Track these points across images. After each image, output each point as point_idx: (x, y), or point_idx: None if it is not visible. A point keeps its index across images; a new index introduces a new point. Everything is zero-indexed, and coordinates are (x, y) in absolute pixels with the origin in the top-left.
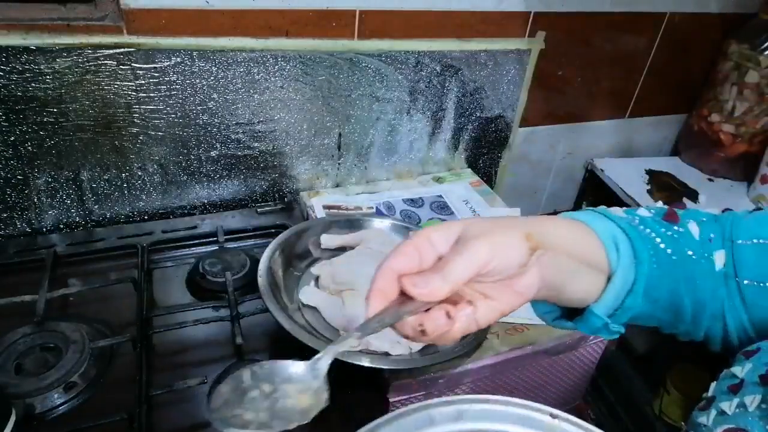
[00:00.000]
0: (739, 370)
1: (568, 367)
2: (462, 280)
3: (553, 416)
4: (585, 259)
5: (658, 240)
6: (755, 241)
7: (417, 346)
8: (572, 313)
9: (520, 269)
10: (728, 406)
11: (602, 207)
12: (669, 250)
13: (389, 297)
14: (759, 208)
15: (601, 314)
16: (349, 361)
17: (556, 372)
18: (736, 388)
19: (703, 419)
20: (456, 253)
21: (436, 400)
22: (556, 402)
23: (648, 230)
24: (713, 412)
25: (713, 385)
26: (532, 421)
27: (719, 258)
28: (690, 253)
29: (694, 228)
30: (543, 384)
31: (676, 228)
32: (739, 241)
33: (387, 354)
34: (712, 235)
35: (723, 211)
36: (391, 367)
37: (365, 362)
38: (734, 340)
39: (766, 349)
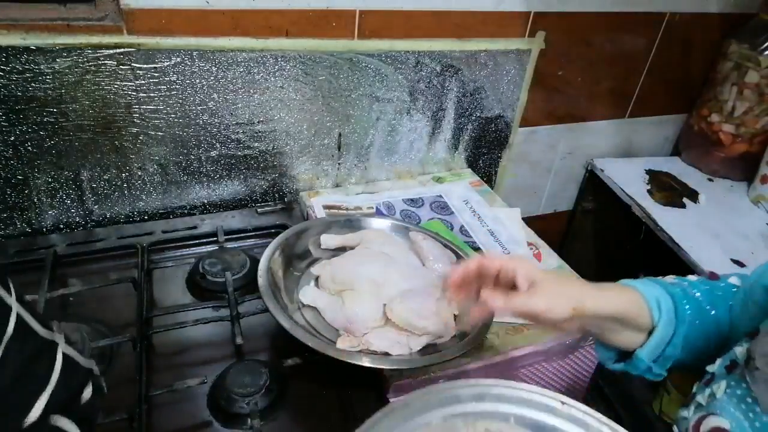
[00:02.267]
0: (711, 367)
1: (568, 367)
2: (516, 313)
3: (563, 403)
4: (627, 320)
5: (698, 295)
6: None
7: (417, 346)
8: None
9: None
10: (702, 398)
11: (659, 278)
12: (708, 307)
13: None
14: None
15: (644, 358)
16: (350, 361)
17: (556, 372)
18: (708, 382)
19: (685, 413)
20: (526, 296)
21: (461, 381)
22: None
23: (694, 290)
24: (692, 407)
25: (718, 362)
26: (545, 407)
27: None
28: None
29: (734, 279)
30: (543, 384)
31: (717, 283)
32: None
33: (387, 354)
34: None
35: None
36: (391, 367)
37: (365, 362)
38: None
39: (732, 348)
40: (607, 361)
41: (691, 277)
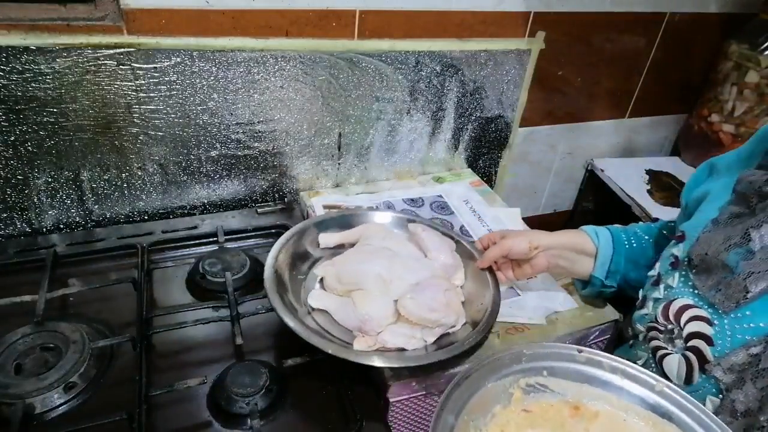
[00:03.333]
0: (653, 271)
1: None
2: (499, 252)
3: (579, 351)
4: (578, 249)
5: (637, 230)
6: None
7: (431, 338)
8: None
9: (530, 254)
10: (658, 292)
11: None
12: (646, 236)
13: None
14: None
15: (597, 275)
16: (341, 356)
17: None
18: (656, 282)
19: (644, 311)
20: (498, 244)
21: (502, 353)
22: None
23: (634, 228)
24: (650, 302)
25: (657, 265)
26: (567, 356)
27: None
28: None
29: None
30: None
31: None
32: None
33: (403, 350)
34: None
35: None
36: (390, 365)
37: (394, 363)
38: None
39: (690, 234)
40: (579, 288)
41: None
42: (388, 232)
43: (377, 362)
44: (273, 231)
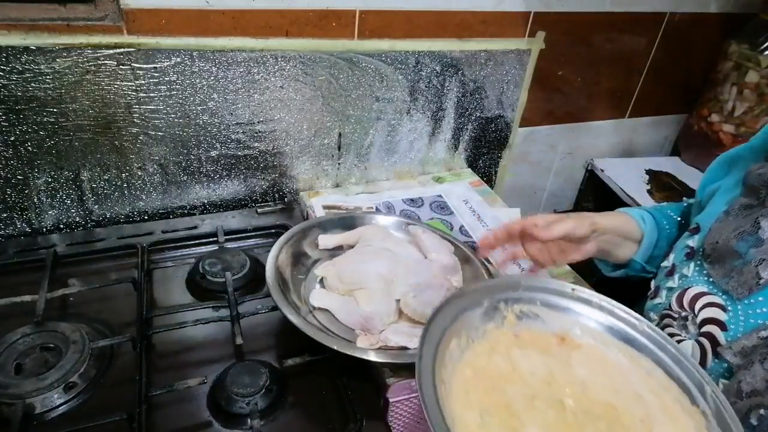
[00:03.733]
0: (666, 262)
1: None
2: (562, 233)
3: (573, 289)
4: (625, 233)
5: (670, 212)
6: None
7: None
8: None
9: (585, 241)
10: (673, 282)
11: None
12: (678, 217)
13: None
14: None
15: (639, 260)
16: (346, 352)
17: None
18: (671, 272)
19: (657, 300)
20: (555, 223)
21: (499, 278)
22: None
23: (666, 210)
24: (664, 291)
25: (671, 256)
26: (560, 291)
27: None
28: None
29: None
30: None
31: (682, 203)
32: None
33: (405, 348)
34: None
35: None
36: (392, 362)
37: (366, 355)
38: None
39: (703, 226)
40: (608, 271)
41: (663, 203)
42: (388, 234)
43: (380, 359)
44: (273, 231)
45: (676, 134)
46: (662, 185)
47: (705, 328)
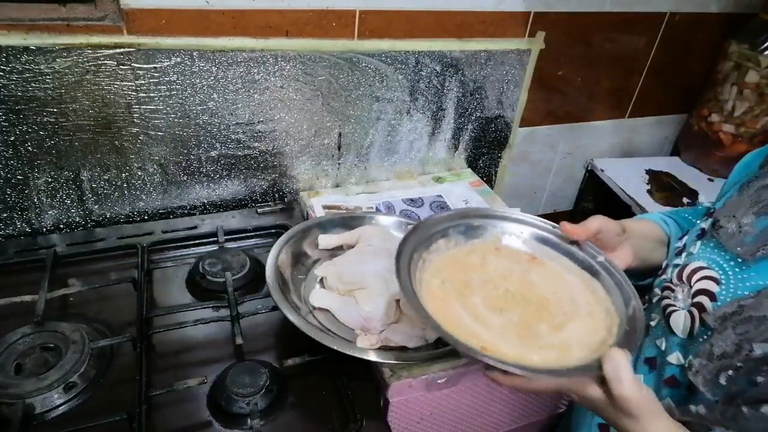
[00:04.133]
0: (679, 243)
1: None
2: (592, 231)
3: (553, 227)
4: (652, 239)
5: (687, 215)
6: None
7: (433, 337)
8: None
9: (618, 240)
10: (679, 260)
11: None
12: (695, 219)
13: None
14: None
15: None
16: (346, 352)
17: None
18: (680, 252)
19: (677, 260)
20: (582, 224)
21: (496, 209)
22: (556, 403)
23: (683, 213)
24: (670, 269)
25: (685, 238)
26: (544, 228)
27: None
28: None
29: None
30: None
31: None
32: None
33: (405, 348)
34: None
35: None
36: (393, 362)
37: (366, 355)
38: None
39: (718, 206)
40: (637, 281)
41: (679, 208)
42: (388, 234)
43: (380, 359)
44: (273, 231)
45: (676, 134)
46: (662, 185)
47: (696, 299)
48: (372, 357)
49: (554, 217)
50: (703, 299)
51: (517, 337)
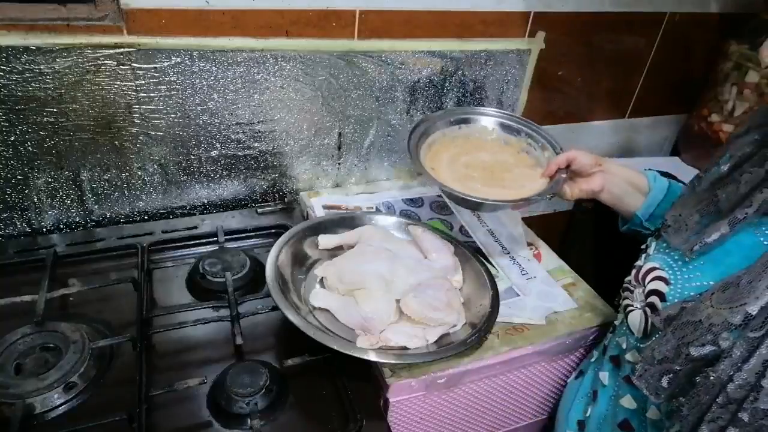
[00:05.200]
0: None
1: (567, 368)
2: (565, 160)
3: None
4: (634, 185)
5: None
6: None
7: (433, 337)
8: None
9: (591, 170)
10: (641, 261)
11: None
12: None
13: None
14: None
15: (640, 215)
16: (346, 352)
17: (555, 372)
18: (657, 236)
19: (639, 262)
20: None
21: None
22: (555, 402)
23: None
24: (644, 256)
25: (649, 239)
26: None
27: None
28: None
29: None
30: (540, 385)
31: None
32: None
33: (405, 348)
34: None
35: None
36: (393, 362)
37: (366, 355)
38: None
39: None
40: (620, 227)
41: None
42: (388, 234)
43: (380, 359)
44: (273, 231)
45: (676, 134)
46: None
47: (649, 299)
48: (372, 357)
49: (554, 216)
50: (654, 299)
51: (491, 181)
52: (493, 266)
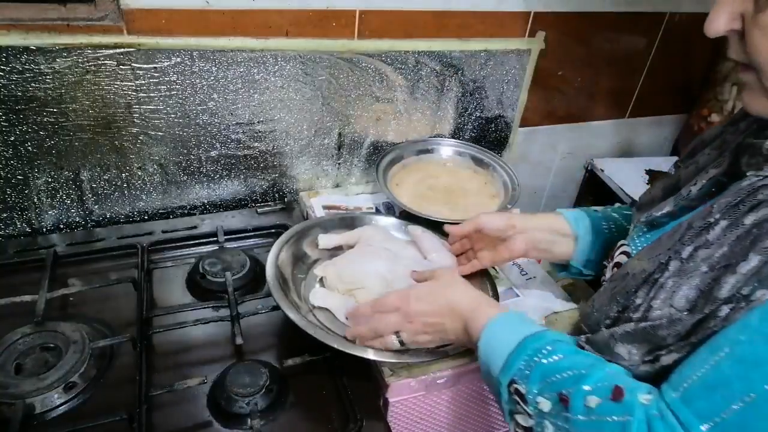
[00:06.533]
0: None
1: None
2: (472, 227)
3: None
4: (556, 231)
5: (615, 215)
6: None
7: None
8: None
9: (507, 234)
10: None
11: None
12: (625, 223)
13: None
14: None
15: (576, 264)
16: (347, 351)
17: None
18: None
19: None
20: (473, 218)
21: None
22: None
23: (612, 213)
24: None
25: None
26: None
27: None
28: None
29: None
30: None
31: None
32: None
33: (405, 348)
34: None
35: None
36: (393, 361)
37: (366, 355)
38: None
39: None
40: (558, 273)
41: (618, 205)
42: (387, 234)
43: (380, 358)
44: (273, 231)
45: (676, 134)
46: None
47: (612, 271)
48: (371, 356)
49: None
50: (614, 271)
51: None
52: (493, 266)
